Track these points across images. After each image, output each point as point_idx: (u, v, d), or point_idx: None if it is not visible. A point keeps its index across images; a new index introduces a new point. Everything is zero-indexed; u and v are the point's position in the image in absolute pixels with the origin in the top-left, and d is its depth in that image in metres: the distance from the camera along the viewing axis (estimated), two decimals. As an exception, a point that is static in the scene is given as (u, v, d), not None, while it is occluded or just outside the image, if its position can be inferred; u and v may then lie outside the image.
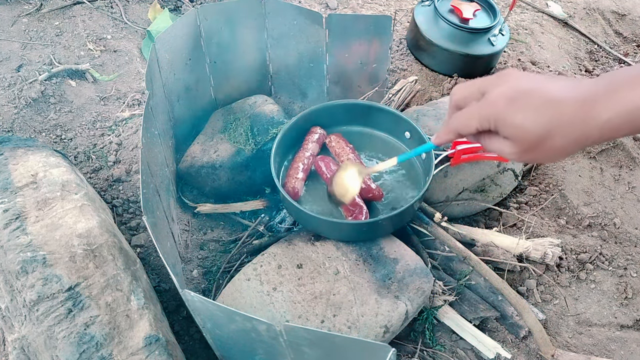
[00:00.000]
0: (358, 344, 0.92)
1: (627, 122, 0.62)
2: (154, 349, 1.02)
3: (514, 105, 0.68)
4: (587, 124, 0.65)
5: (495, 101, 0.71)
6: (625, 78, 0.63)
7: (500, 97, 0.70)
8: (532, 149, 0.70)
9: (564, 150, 0.69)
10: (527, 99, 0.68)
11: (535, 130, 0.67)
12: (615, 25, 2.60)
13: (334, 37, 1.59)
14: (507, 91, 0.70)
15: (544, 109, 0.67)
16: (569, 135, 0.66)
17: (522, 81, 0.70)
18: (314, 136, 1.47)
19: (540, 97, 0.67)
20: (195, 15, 1.49)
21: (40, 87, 1.77)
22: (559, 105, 0.66)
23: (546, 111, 0.66)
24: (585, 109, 0.64)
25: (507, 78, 0.71)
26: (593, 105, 0.64)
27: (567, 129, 0.66)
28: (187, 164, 1.56)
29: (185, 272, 1.43)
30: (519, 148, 0.70)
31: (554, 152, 0.69)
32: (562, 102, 0.66)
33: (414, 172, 1.45)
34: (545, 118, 0.66)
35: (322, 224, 1.30)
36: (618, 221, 1.63)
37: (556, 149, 0.68)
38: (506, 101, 0.69)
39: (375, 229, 1.31)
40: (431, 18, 2.02)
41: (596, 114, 0.63)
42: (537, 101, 0.67)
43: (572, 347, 1.38)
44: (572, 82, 0.68)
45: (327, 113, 1.51)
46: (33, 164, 1.25)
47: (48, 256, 1.06)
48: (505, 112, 0.69)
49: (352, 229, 1.30)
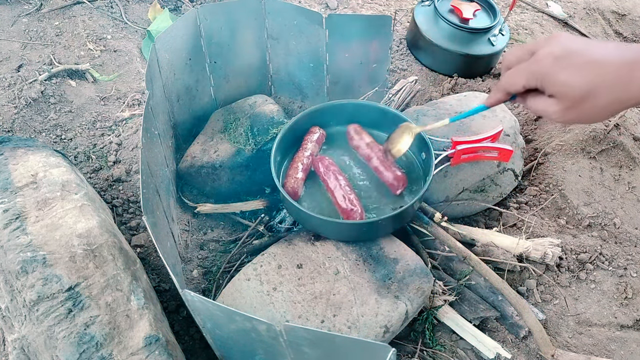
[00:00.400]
0: (358, 344, 0.92)
1: None
2: (154, 349, 1.02)
3: (560, 63, 0.72)
4: (630, 84, 0.67)
5: (542, 59, 0.74)
6: None
7: (547, 56, 0.74)
8: (575, 106, 0.72)
9: (606, 109, 0.71)
10: (573, 58, 0.71)
11: (579, 87, 0.70)
12: (615, 25, 2.60)
13: (334, 37, 1.59)
14: (554, 50, 0.73)
15: (589, 68, 0.70)
16: (612, 94, 0.69)
17: (570, 42, 0.73)
18: (313, 136, 1.47)
19: (586, 56, 0.71)
20: (195, 15, 1.49)
21: (40, 87, 1.77)
22: (604, 65, 0.69)
23: (591, 70, 0.70)
24: (630, 70, 0.67)
25: (557, 39, 0.75)
26: (636, 67, 0.67)
27: (611, 88, 0.69)
28: (187, 164, 1.56)
29: (185, 272, 1.43)
30: (563, 105, 0.74)
31: (596, 110, 0.72)
32: (607, 63, 0.69)
33: (414, 172, 1.45)
34: (590, 76, 0.70)
35: (322, 223, 1.30)
36: (618, 221, 1.63)
37: (599, 107, 0.71)
38: (553, 59, 0.73)
39: (376, 229, 1.31)
40: (431, 18, 2.02)
41: (638, 75, 0.66)
42: (583, 60, 0.70)
43: (572, 347, 1.38)
44: (619, 45, 0.71)
45: (327, 113, 1.51)
46: (33, 164, 1.25)
47: (48, 256, 1.06)
48: (552, 69, 0.73)
49: (352, 229, 1.30)
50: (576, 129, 1.79)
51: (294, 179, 1.36)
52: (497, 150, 1.42)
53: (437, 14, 1.98)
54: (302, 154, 1.42)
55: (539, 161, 1.77)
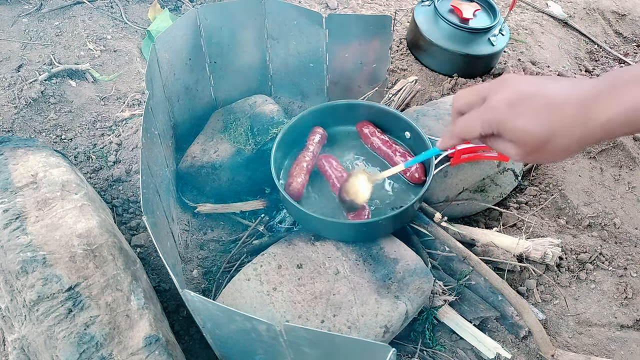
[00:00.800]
0: (358, 344, 0.92)
1: (628, 121, 0.63)
2: (154, 349, 1.02)
3: (515, 110, 0.70)
4: (588, 124, 0.65)
5: (496, 106, 0.72)
6: (625, 77, 0.64)
7: (501, 102, 0.71)
8: (535, 151, 0.71)
9: (566, 150, 0.70)
10: (528, 103, 0.69)
11: (537, 133, 0.68)
12: (615, 25, 2.60)
13: (334, 37, 1.59)
14: (508, 96, 0.71)
15: (545, 112, 0.67)
16: (571, 136, 0.67)
17: (523, 85, 0.71)
18: (315, 137, 1.47)
19: (540, 100, 0.68)
20: (195, 15, 1.49)
21: (40, 87, 1.77)
22: (560, 107, 0.67)
23: (547, 114, 0.67)
24: (586, 109, 0.65)
25: (508, 83, 0.72)
26: (594, 105, 0.64)
27: (569, 130, 0.67)
28: (187, 164, 1.56)
29: (185, 272, 1.43)
30: (523, 150, 0.72)
31: (557, 152, 0.70)
32: (563, 104, 0.67)
33: None
34: (547, 121, 0.67)
35: (323, 224, 1.30)
36: (618, 221, 1.63)
37: (559, 149, 0.69)
38: (507, 106, 0.70)
39: (376, 229, 1.31)
40: (431, 18, 2.02)
41: (597, 113, 0.64)
42: (538, 104, 0.68)
43: (572, 347, 1.38)
44: (572, 83, 0.68)
45: (327, 113, 1.51)
46: (33, 164, 1.25)
47: (48, 256, 1.06)
48: (507, 117, 0.70)
49: (352, 229, 1.30)
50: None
51: (296, 180, 1.36)
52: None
53: (437, 14, 1.98)
54: (305, 154, 1.42)
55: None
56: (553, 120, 0.67)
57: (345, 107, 1.52)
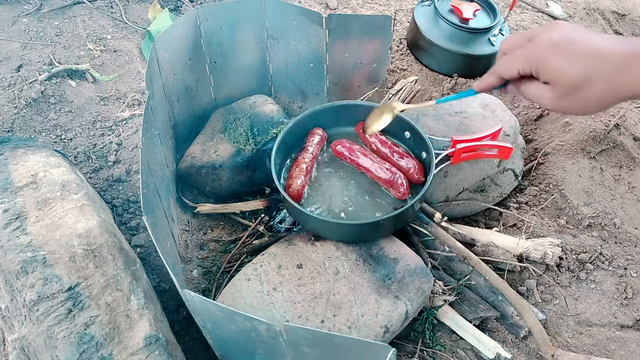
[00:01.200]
0: (358, 344, 0.92)
1: None
2: (154, 349, 1.02)
3: (558, 49, 0.72)
4: (625, 76, 0.67)
5: (540, 44, 0.74)
6: None
7: (545, 41, 0.74)
8: (569, 94, 0.72)
9: (600, 100, 0.71)
10: (571, 45, 0.71)
11: (575, 74, 0.70)
12: (615, 26, 2.60)
13: (334, 37, 1.59)
14: (553, 36, 0.73)
15: (587, 56, 0.70)
16: (607, 85, 0.69)
17: (570, 29, 0.73)
18: (315, 138, 1.47)
19: (584, 45, 0.70)
20: (195, 15, 1.49)
21: (40, 87, 1.77)
22: (602, 55, 0.69)
23: (588, 59, 0.69)
24: (627, 61, 0.67)
25: (557, 26, 0.75)
26: (635, 59, 0.66)
27: (607, 78, 0.68)
28: (187, 164, 1.56)
29: (185, 272, 1.43)
30: (557, 92, 0.73)
31: (590, 100, 0.71)
32: (605, 53, 0.69)
33: None
34: (587, 65, 0.69)
35: (323, 225, 1.30)
36: (618, 221, 1.63)
37: (593, 97, 0.70)
38: (551, 45, 0.73)
39: (376, 230, 1.31)
40: (431, 18, 2.02)
41: (636, 67, 0.66)
42: (581, 48, 0.70)
43: (572, 347, 1.38)
44: (619, 38, 0.71)
45: (327, 114, 1.51)
46: (33, 164, 1.25)
47: (48, 256, 1.06)
48: (549, 54, 0.73)
49: (352, 230, 1.30)
50: (576, 129, 1.79)
51: (296, 181, 1.36)
52: (497, 148, 1.42)
53: (437, 14, 1.98)
54: (304, 155, 1.42)
55: (539, 161, 1.77)
56: (592, 65, 0.69)
57: (344, 108, 1.52)
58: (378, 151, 1.46)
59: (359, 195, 1.41)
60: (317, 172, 1.46)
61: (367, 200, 1.40)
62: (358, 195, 1.41)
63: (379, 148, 1.46)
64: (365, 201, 1.40)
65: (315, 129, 1.49)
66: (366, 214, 1.36)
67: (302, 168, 1.38)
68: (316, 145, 1.45)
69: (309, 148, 1.44)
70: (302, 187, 1.36)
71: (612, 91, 0.69)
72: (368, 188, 1.43)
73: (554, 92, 0.74)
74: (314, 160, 1.44)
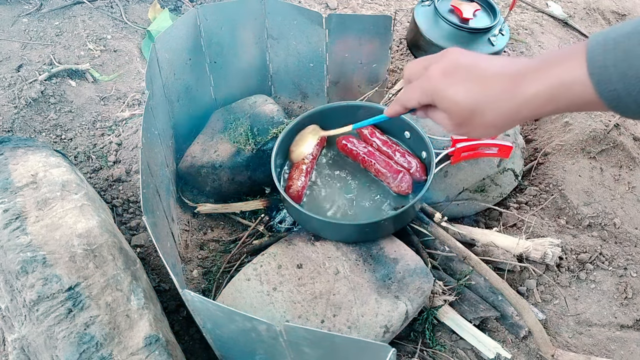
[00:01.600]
0: (358, 344, 0.92)
1: (552, 97, 0.63)
2: (154, 349, 1.02)
3: (448, 79, 0.72)
4: (514, 99, 0.66)
5: (432, 75, 0.74)
6: (554, 56, 0.64)
7: (437, 71, 0.74)
8: (465, 123, 0.72)
9: (494, 125, 0.71)
10: (460, 73, 0.71)
11: (465, 103, 0.70)
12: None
13: (334, 37, 1.59)
14: (444, 65, 0.73)
15: (475, 83, 0.69)
16: (498, 109, 0.68)
17: (460, 57, 0.73)
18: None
19: (472, 71, 0.70)
20: (195, 15, 1.49)
21: (40, 87, 1.77)
22: (490, 79, 0.68)
23: (476, 86, 0.69)
24: (514, 84, 0.66)
25: (447, 54, 0.75)
26: (522, 80, 0.65)
27: (496, 104, 0.67)
28: (187, 164, 1.56)
29: (185, 272, 1.43)
30: (454, 121, 0.74)
31: (485, 126, 0.71)
32: (492, 77, 0.68)
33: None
34: (474, 92, 0.69)
35: (323, 225, 1.30)
36: (618, 221, 1.63)
37: (487, 123, 0.70)
38: (441, 75, 0.73)
39: (377, 230, 1.31)
40: (431, 18, 2.02)
41: (523, 89, 0.65)
42: (469, 75, 0.70)
43: (572, 347, 1.38)
44: (507, 60, 0.70)
45: (328, 114, 1.50)
46: (33, 164, 1.25)
47: (48, 256, 1.06)
48: (440, 85, 0.73)
49: (353, 230, 1.30)
50: (576, 128, 1.79)
51: (296, 183, 1.36)
52: (497, 147, 1.43)
53: (437, 14, 1.98)
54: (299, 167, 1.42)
55: (539, 161, 1.77)
56: (480, 92, 0.68)
57: (345, 108, 1.52)
58: (380, 149, 1.46)
59: (360, 195, 1.41)
60: (317, 173, 1.46)
61: (367, 200, 1.40)
62: (359, 196, 1.41)
63: (380, 147, 1.46)
64: (366, 201, 1.40)
65: None
66: (367, 215, 1.36)
67: (302, 169, 1.39)
68: (316, 147, 1.45)
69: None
70: (302, 189, 1.36)
71: (504, 115, 0.68)
72: (369, 188, 1.43)
73: (451, 121, 0.74)
74: (314, 161, 1.44)
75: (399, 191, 1.37)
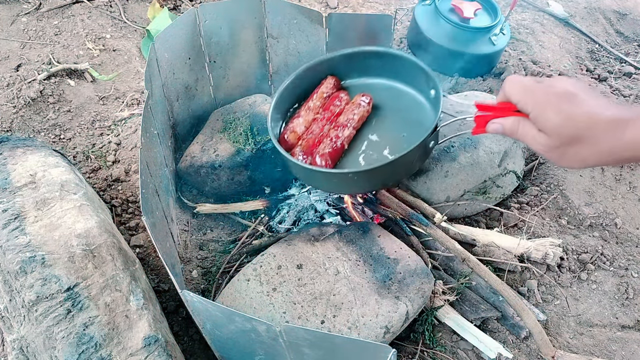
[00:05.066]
0: (358, 345, 0.91)
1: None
2: (153, 350, 1.02)
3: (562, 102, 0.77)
4: (614, 140, 0.74)
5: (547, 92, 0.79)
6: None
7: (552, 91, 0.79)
8: (560, 147, 0.78)
9: (586, 160, 0.77)
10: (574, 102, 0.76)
11: (570, 130, 0.76)
12: (617, 25, 2.60)
13: (334, 37, 1.58)
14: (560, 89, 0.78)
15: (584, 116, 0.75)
16: (596, 146, 0.75)
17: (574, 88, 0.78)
18: (326, 86, 1.38)
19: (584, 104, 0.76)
20: (195, 14, 1.48)
21: (39, 87, 1.76)
22: (596, 117, 0.75)
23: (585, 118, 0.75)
24: (616, 127, 0.73)
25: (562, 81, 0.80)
26: (623, 126, 0.73)
27: (597, 139, 0.75)
28: (187, 164, 1.56)
29: (184, 272, 1.43)
30: (551, 142, 0.78)
31: (578, 158, 0.77)
32: (599, 116, 0.75)
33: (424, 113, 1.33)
34: (582, 123, 0.75)
35: (318, 175, 1.22)
36: (619, 221, 1.63)
37: (581, 155, 0.77)
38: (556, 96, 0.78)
39: (383, 175, 1.21)
40: (432, 17, 2.01)
41: (623, 134, 0.73)
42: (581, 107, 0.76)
43: (573, 347, 1.37)
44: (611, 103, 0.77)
45: (340, 62, 1.40)
46: (32, 163, 1.25)
47: (47, 256, 1.05)
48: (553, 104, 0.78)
49: (342, 178, 1.19)
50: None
51: (293, 132, 1.29)
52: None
53: (438, 13, 1.98)
54: (308, 104, 1.34)
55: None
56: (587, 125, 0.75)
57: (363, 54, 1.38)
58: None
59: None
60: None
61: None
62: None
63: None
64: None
65: (328, 78, 1.41)
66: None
67: (299, 117, 1.31)
68: (325, 95, 1.35)
69: (313, 97, 1.36)
70: (299, 138, 1.29)
71: (600, 152, 0.75)
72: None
73: (548, 141, 0.79)
74: (319, 110, 1.34)
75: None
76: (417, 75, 1.34)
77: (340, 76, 1.44)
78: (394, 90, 1.42)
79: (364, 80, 1.44)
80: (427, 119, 1.32)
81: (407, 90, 1.40)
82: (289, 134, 1.30)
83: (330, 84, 1.39)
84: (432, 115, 1.32)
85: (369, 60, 1.42)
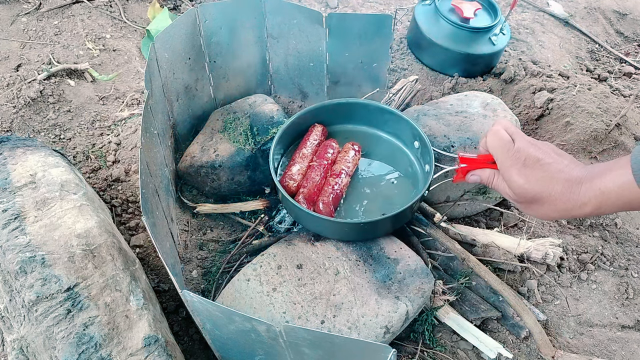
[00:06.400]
0: (358, 345, 0.91)
1: (599, 204, 0.81)
2: (153, 350, 1.02)
3: (525, 168, 0.90)
4: (569, 201, 0.84)
5: (514, 158, 0.91)
6: (599, 169, 0.83)
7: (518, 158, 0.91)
8: (525, 202, 0.92)
9: (549, 216, 0.91)
10: (536, 168, 0.88)
11: (531, 191, 0.89)
12: (617, 25, 2.60)
13: (334, 37, 1.58)
14: (526, 155, 0.90)
15: (544, 180, 0.87)
16: (555, 206, 0.86)
17: (543, 152, 0.90)
18: (315, 134, 1.46)
19: (545, 169, 0.88)
20: (195, 14, 1.48)
21: (39, 87, 1.76)
22: (554, 181, 0.86)
23: (545, 182, 0.87)
24: (570, 188, 0.84)
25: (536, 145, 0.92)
26: (578, 186, 0.83)
27: (554, 200, 0.86)
28: (187, 164, 1.55)
29: (184, 272, 1.43)
30: (518, 198, 0.93)
31: (541, 214, 0.91)
32: (556, 180, 0.86)
33: (414, 174, 1.45)
34: (541, 186, 0.87)
35: (320, 223, 1.30)
36: (619, 221, 1.63)
37: (543, 212, 0.90)
38: (522, 164, 0.90)
39: (375, 229, 1.31)
40: (432, 17, 2.01)
41: (577, 195, 0.83)
42: (542, 173, 0.88)
43: (573, 347, 1.37)
44: (573, 164, 0.88)
45: (329, 111, 1.50)
46: (32, 163, 1.25)
47: (47, 256, 1.06)
48: (516, 170, 0.91)
49: (351, 229, 1.30)
50: (577, 128, 1.78)
51: (296, 177, 1.35)
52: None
53: (438, 13, 1.98)
54: (300, 151, 1.42)
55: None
56: (545, 189, 0.87)
57: (346, 106, 1.51)
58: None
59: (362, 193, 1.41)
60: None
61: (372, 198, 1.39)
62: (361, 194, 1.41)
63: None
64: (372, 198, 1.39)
65: (315, 126, 1.49)
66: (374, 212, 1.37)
67: (297, 163, 1.39)
68: (315, 141, 1.45)
69: (306, 144, 1.44)
70: (299, 185, 1.36)
71: (558, 211, 0.87)
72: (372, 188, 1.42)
73: (515, 197, 0.93)
74: (312, 157, 1.44)
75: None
76: (403, 127, 1.47)
77: (325, 123, 1.53)
78: (378, 138, 1.55)
79: (350, 127, 1.57)
80: (413, 166, 1.48)
81: (391, 139, 1.54)
82: (289, 181, 1.36)
83: (318, 131, 1.48)
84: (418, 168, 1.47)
85: (354, 109, 1.53)
